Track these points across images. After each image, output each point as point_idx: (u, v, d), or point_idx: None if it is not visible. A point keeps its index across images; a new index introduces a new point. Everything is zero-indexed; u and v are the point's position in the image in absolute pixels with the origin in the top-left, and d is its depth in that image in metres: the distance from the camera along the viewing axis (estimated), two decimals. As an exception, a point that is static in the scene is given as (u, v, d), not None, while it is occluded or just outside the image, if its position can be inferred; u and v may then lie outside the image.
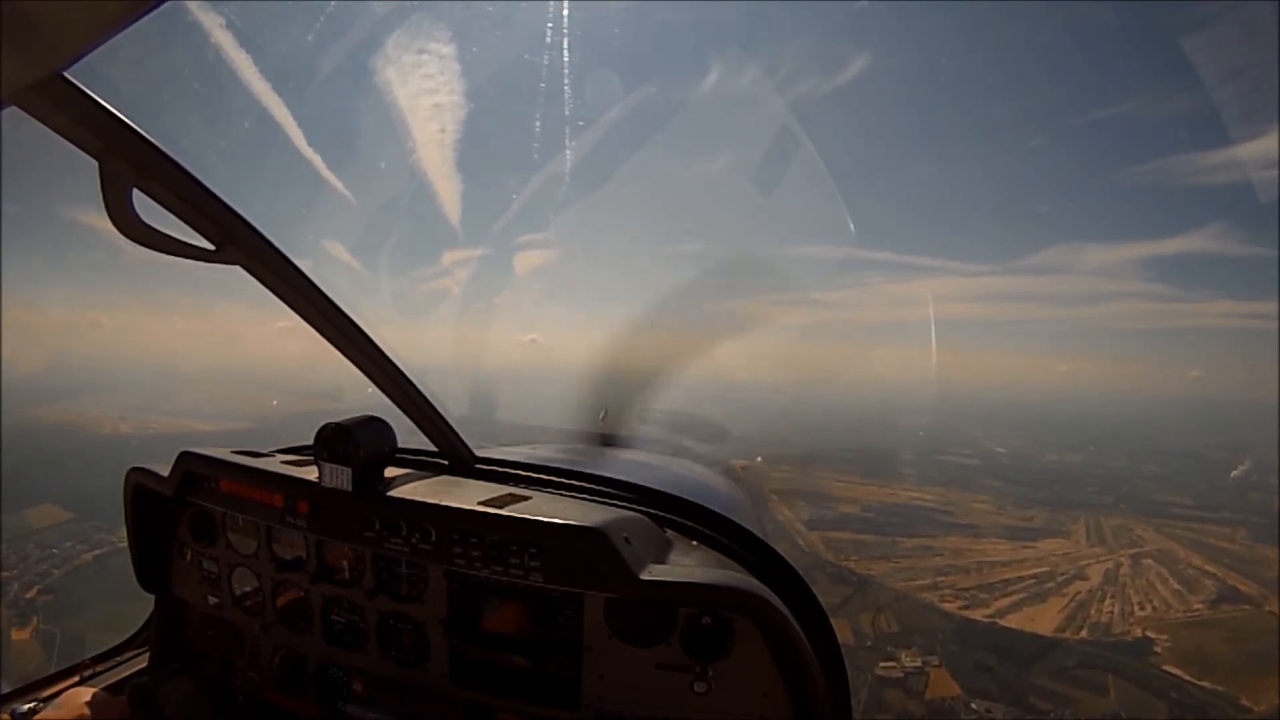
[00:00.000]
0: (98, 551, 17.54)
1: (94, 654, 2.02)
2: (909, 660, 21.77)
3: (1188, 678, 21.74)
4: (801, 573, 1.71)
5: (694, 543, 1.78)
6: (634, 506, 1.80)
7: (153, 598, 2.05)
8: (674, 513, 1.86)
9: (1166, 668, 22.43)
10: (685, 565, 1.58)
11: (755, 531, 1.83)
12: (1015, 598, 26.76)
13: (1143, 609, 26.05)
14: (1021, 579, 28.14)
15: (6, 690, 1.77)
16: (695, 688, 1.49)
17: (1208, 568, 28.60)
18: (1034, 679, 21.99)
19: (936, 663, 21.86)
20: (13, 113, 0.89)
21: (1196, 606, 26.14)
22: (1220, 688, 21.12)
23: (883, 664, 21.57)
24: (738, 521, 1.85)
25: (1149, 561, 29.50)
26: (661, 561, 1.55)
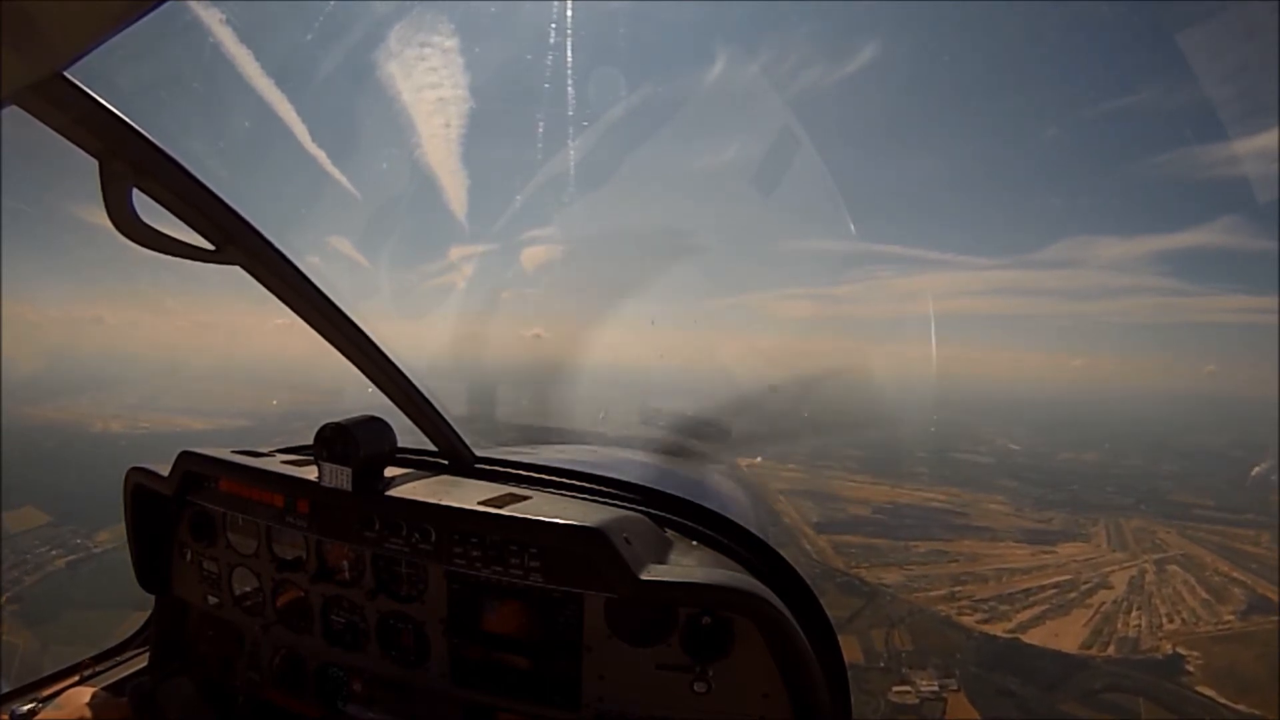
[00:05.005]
0: (71, 557, 16.96)
1: (94, 654, 2.03)
2: (924, 684, 20.56)
3: (1223, 700, 20.62)
4: (806, 578, 1.69)
5: (694, 543, 1.76)
6: (634, 506, 1.79)
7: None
8: (674, 513, 1.85)
9: (1200, 689, 21.29)
10: (685, 565, 1.56)
11: (755, 531, 1.81)
12: (1037, 609, 25.77)
13: (1171, 621, 24.98)
14: (1042, 588, 27.17)
15: (6, 690, 1.77)
16: (695, 688, 1.47)
17: (1235, 574, 27.48)
18: (1060, 704, 20.78)
19: (954, 686, 20.75)
20: (13, 112, 0.91)
21: (1227, 618, 25.01)
22: (1257, 711, 19.97)
23: (896, 688, 20.41)
24: (738, 521, 1.83)
25: (1174, 568, 28.40)
26: (661, 561, 1.54)
